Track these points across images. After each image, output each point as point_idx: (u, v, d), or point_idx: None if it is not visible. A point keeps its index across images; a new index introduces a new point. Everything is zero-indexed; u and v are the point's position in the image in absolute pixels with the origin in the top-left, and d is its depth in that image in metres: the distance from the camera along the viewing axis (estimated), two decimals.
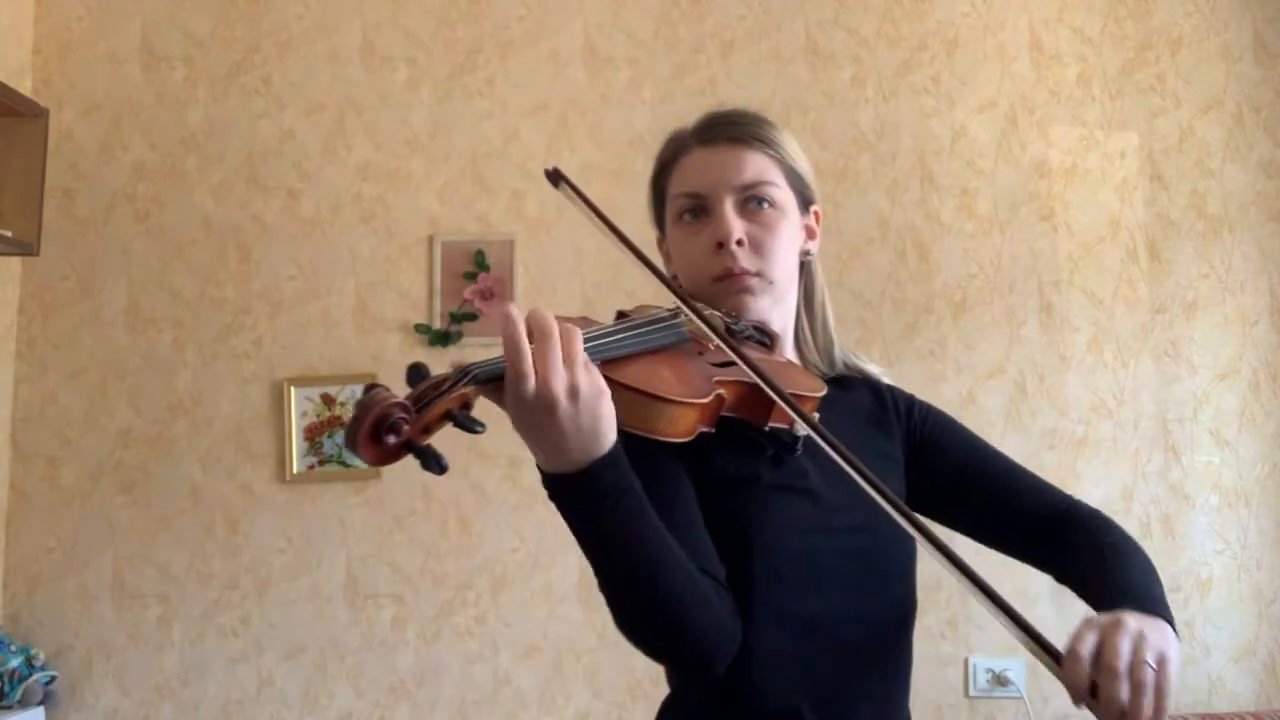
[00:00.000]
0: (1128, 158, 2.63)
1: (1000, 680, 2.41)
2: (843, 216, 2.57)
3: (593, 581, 0.89)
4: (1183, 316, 2.59)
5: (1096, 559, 1.06)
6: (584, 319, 1.03)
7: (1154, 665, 0.80)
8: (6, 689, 2.27)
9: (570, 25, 2.64)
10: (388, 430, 0.71)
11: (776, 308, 1.12)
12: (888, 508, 0.87)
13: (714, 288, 1.10)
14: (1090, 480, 2.52)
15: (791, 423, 1.00)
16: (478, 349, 2.53)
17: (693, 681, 1.03)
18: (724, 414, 0.96)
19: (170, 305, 2.55)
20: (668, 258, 1.20)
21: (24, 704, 2.26)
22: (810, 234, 1.18)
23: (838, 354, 1.19)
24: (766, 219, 1.10)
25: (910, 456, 1.15)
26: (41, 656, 2.37)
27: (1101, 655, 0.81)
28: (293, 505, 2.49)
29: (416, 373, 0.77)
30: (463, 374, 0.79)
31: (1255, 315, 2.59)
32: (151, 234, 2.57)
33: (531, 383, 0.78)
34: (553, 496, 0.84)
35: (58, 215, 2.53)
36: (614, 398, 0.84)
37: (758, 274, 1.09)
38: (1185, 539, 2.52)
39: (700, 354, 1.00)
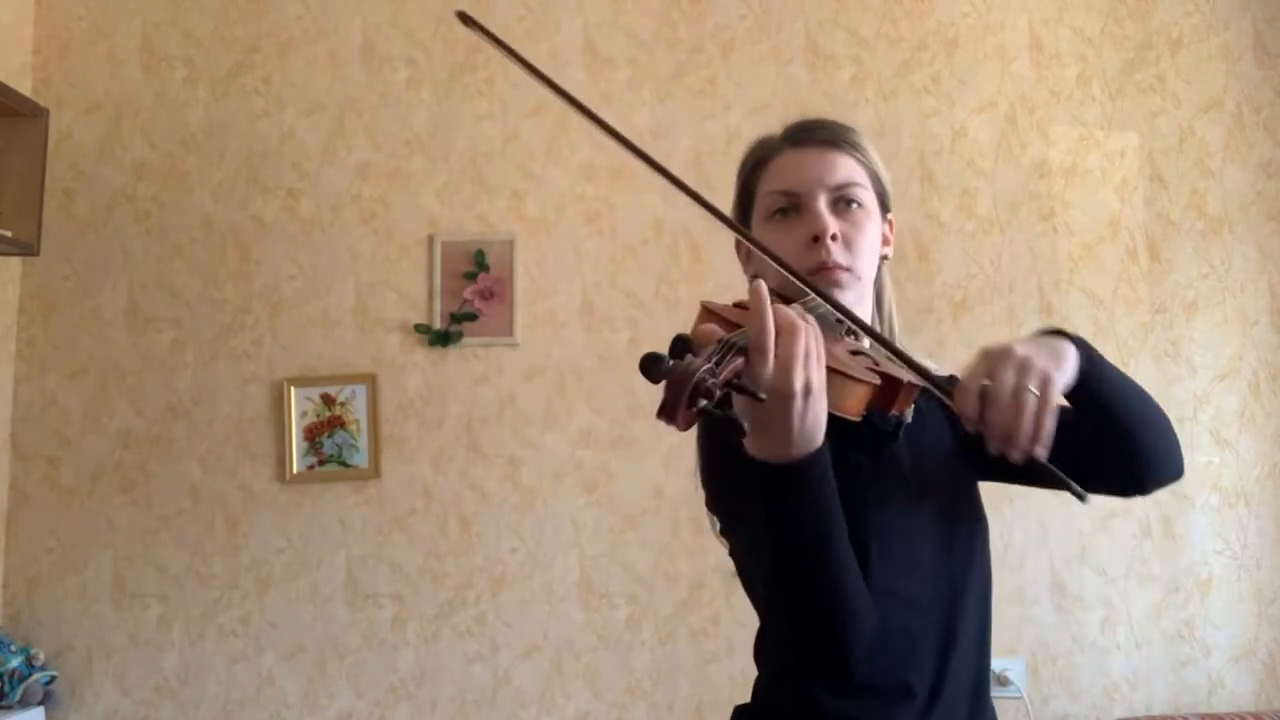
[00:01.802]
0: (1128, 158, 2.63)
1: (1000, 680, 2.41)
2: None
3: (592, 581, 0.91)
4: (1183, 316, 2.59)
5: None
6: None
7: (1037, 390, 0.87)
8: (6, 689, 2.27)
9: (570, 25, 2.64)
10: (703, 394, 0.74)
11: (859, 305, 1.16)
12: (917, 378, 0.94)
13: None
14: None
15: (901, 408, 1.03)
16: (478, 349, 2.53)
17: (821, 663, 1.05)
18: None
19: (170, 305, 2.55)
20: (747, 258, 1.23)
21: (24, 704, 2.26)
22: (885, 240, 1.22)
23: None
24: (856, 218, 1.14)
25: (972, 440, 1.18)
26: (41, 656, 2.37)
27: (987, 385, 0.88)
28: (293, 505, 2.49)
29: (683, 344, 0.79)
30: (728, 345, 0.81)
31: (1255, 315, 2.59)
32: (151, 234, 2.57)
33: (775, 371, 0.81)
34: (760, 482, 0.88)
35: (58, 215, 2.53)
36: None
37: (849, 269, 1.12)
38: (1185, 539, 2.52)
39: (838, 341, 1.03)
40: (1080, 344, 1.00)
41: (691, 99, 2.62)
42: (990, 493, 1.19)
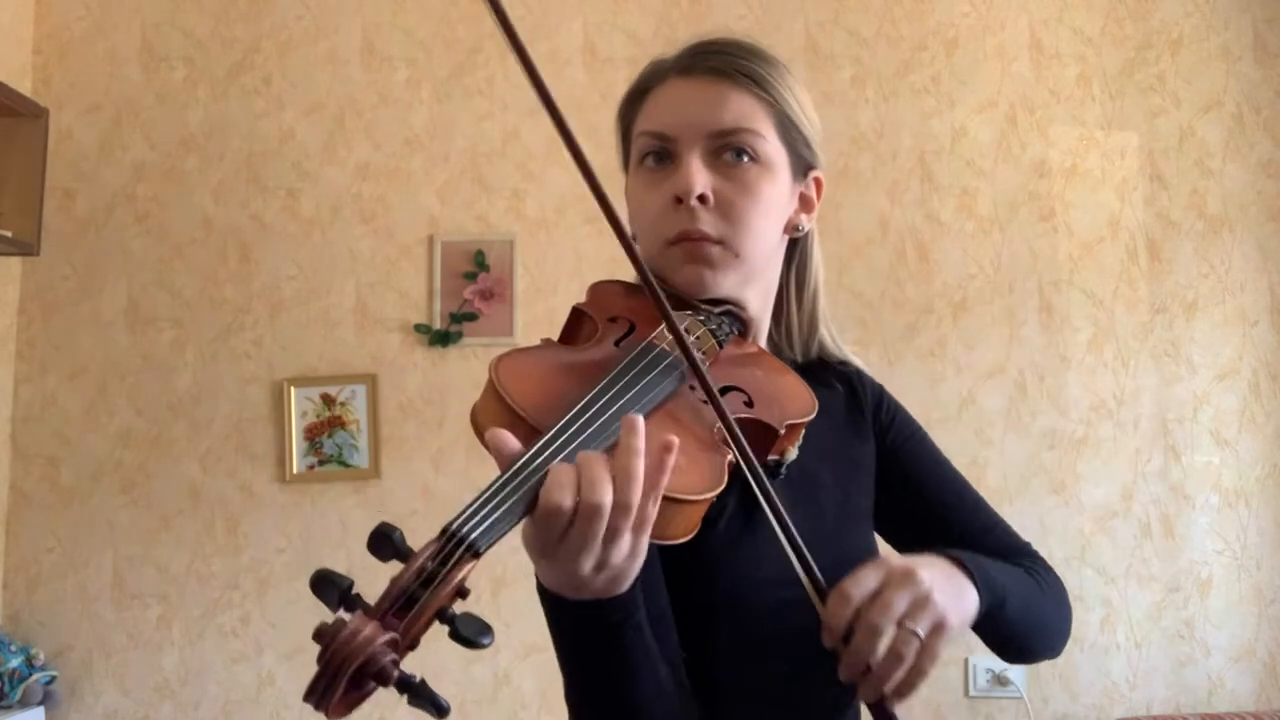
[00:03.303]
0: (1128, 158, 2.63)
1: (1000, 680, 2.41)
2: (843, 216, 2.57)
3: None
4: (1183, 316, 2.59)
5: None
6: (546, 342, 0.86)
7: (922, 635, 0.71)
8: (6, 689, 2.27)
9: (570, 25, 2.64)
10: (373, 678, 0.54)
11: (749, 286, 0.93)
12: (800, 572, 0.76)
13: (668, 252, 0.91)
14: (1090, 480, 2.52)
15: (782, 451, 0.85)
16: (478, 349, 2.53)
17: None
18: None
19: (170, 305, 2.55)
20: (630, 212, 1.00)
21: (24, 704, 2.26)
22: (806, 205, 0.98)
23: (815, 343, 1.04)
24: (744, 175, 0.90)
25: (879, 459, 1.03)
26: (41, 656, 2.37)
27: (871, 605, 0.71)
28: (293, 505, 2.49)
29: (381, 540, 0.58)
30: (455, 543, 0.58)
31: (1255, 315, 2.59)
32: (151, 234, 2.57)
33: (567, 559, 0.66)
34: (547, 607, 0.75)
35: (58, 215, 2.53)
36: None
37: (720, 242, 0.89)
38: (1185, 539, 2.52)
39: (693, 388, 0.80)
40: (980, 580, 0.83)
41: None
42: (991, 491, 1.17)
